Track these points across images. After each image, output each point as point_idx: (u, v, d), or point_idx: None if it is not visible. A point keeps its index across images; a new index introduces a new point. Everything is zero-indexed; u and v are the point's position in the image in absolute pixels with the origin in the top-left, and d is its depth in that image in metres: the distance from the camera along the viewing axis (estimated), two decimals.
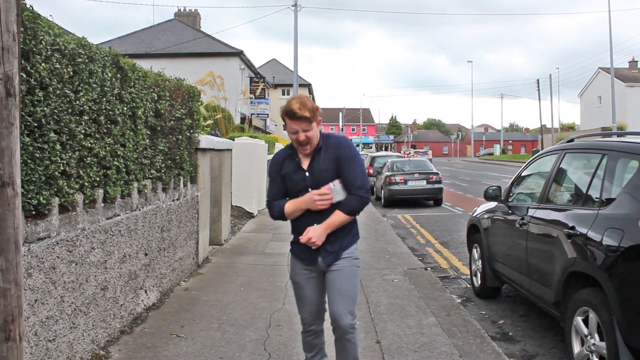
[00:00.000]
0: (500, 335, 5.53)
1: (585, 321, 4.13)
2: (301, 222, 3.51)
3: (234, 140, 12.55)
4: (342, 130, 78.69)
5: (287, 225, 3.76)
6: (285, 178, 3.52)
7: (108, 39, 37.78)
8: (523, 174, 6.34)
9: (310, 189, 3.44)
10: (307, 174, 3.46)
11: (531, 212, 5.33)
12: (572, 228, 4.36)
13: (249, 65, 35.60)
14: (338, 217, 3.43)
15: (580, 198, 4.74)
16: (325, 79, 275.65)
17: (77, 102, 3.98)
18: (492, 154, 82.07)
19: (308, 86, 53.41)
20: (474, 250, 7.13)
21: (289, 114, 3.32)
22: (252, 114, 33.42)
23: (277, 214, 3.56)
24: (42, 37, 3.49)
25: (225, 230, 9.94)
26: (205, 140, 7.84)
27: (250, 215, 13.08)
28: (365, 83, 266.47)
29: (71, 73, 3.91)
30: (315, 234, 3.41)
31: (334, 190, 3.40)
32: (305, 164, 3.48)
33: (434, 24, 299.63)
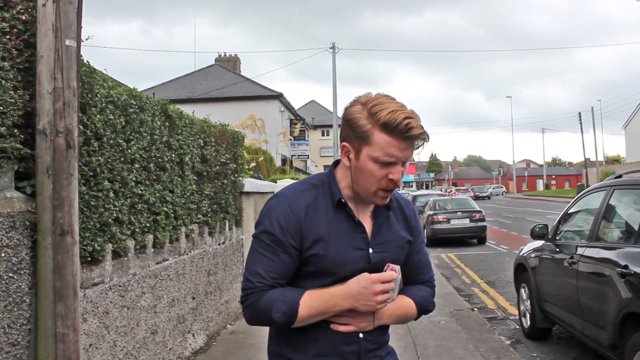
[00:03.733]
0: None
1: None
2: (319, 329, 1.81)
3: (276, 182, 12.69)
4: None
5: None
6: (314, 249, 1.78)
7: (149, 84, 39.02)
8: (570, 211, 6.23)
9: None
10: (370, 248, 1.85)
11: (580, 250, 5.22)
12: (625, 267, 4.24)
13: (288, 107, 36.20)
14: (410, 309, 1.96)
15: (632, 235, 4.63)
16: None
17: (129, 150, 4.13)
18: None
19: None
20: (522, 290, 6.97)
21: (399, 128, 1.69)
22: (292, 156, 33.82)
23: (280, 316, 1.73)
24: (97, 90, 3.66)
25: None
26: (249, 183, 7.97)
27: None
28: None
29: (123, 123, 4.07)
30: (381, 310, 1.84)
31: (395, 281, 1.84)
32: (366, 225, 1.88)
33: (468, 61, 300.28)
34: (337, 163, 1.92)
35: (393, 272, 1.80)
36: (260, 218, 1.85)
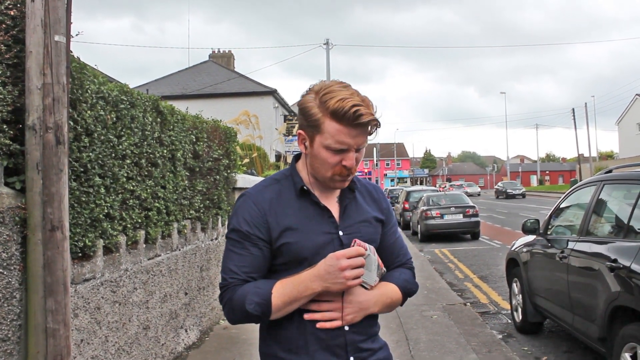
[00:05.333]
0: None
1: (634, 357, 4.01)
2: (305, 326, 1.81)
3: None
4: (376, 166, 78.65)
5: None
6: (283, 238, 1.79)
7: (142, 80, 39.02)
8: (561, 206, 6.27)
9: None
10: (339, 230, 1.86)
11: (571, 244, 5.25)
12: (615, 261, 4.28)
13: (282, 103, 36.15)
14: (394, 294, 1.94)
15: (621, 230, 4.66)
16: None
17: (120, 146, 4.13)
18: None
19: None
20: (514, 284, 7.01)
21: (347, 116, 1.70)
22: (286, 152, 33.77)
23: (254, 307, 1.73)
24: (87, 86, 3.66)
25: None
26: (242, 179, 7.97)
27: None
28: (396, 117, 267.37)
29: (114, 119, 4.06)
30: (352, 298, 1.81)
31: (369, 261, 1.80)
32: (333, 210, 1.88)
33: (461, 57, 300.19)
34: (298, 157, 1.96)
35: (360, 247, 1.76)
36: (229, 219, 1.89)
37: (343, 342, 1.82)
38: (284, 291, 1.74)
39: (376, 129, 1.79)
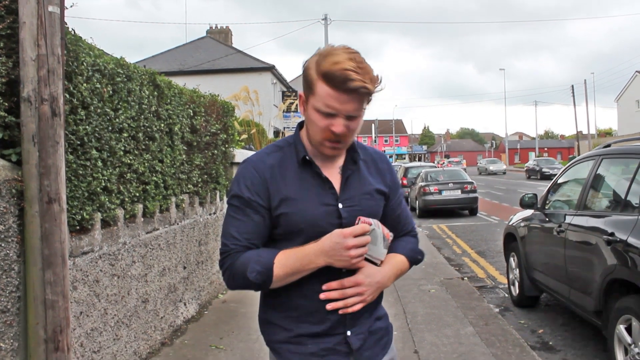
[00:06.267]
0: (540, 344, 5.45)
1: (629, 329, 4.05)
2: (308, 289, 1.79)
3: None
4: (375, 142, 78.57)
5: None
6: (281, 207, 1.77)
7: (137, 57, 38.75)
8: (559, 181, 6.27)
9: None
10: (339, 203, 1.81)
11: (568, 219, 5.27)
12: (612, 234, 4.29)
13: (280, 79, 35.95)
14: (402, 265, 1.95)
15: (619, 204, 4.67)
16: None
17: (117, 120, 4.11)
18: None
19: None
20: (511, 259, 7.05)
21: (336, 79, 1.63)
22: (285, 128, 33.70)
23: (255, 276, 1.72)
24: (83, 59, 3.62)
25: None
26: (240, 154, 7.95)
27: None
28: (395, 93, 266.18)
29: (111, 92, 4.04)
30: (371, 280, 1.78)
31: (374, 235, 1.77)
32: (334, 181, 1.83)
33: (460, 33, 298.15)
34: (302, 124, 1.90)
35: (365, 224, 1.71)
36: (230, 185, 1.87)
37: (342, 316, 1.81)
38: (286, 262, 1.72)
39: (369, 97, 1.71)
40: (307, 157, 1.80)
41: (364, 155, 1.93)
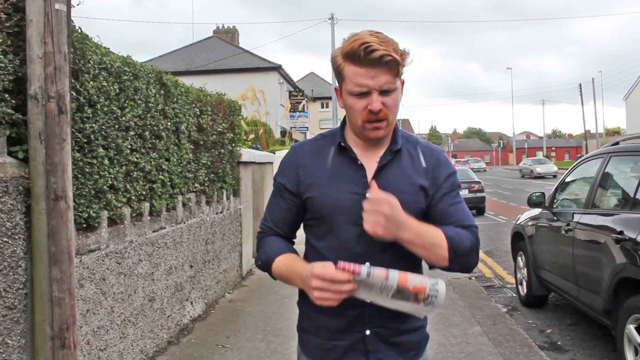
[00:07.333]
0: (548, 344, 5.42)
1: (639, 329, 4.02)
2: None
3: (275, 153, 12.67)
4: None
5: None
6: (308, 192, 1.77)
7: (144, 57, 38.81)
8: (567, 180, 6.23)
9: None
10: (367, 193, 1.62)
11: (577, 217, 5.23)
12: (621, 233, 4.26)
13: (287, 79, 35.97)
14: (436, 236, 1.70)
15: (628, 202, 4.63)
16: None
17: (124, 118, 4.11)
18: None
19: None
20: (519, 258, 7.01)
21: (357, 53, 1.61)
22: (292, 128, 33.70)
23: (260, 265, 1.86)
24: (90, 57, 3.62)
25: None
26: (247, 153, 7.95)
27: None
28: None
29: (117, 90, 4.04)
30: (394, 209, 1.58)
31: (366, 284, 1.57)
32: (370, 170, 1.76)
33: (465, 32, 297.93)
34: (345, 120, 1.89)
35: (339, 272, 1.53)
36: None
37: (360, 314, 1.75)
38: (281, 267, 1.78)
39: (399, 70, 1.66)
40: (342, 144, 1.78)
41: (408, 147, 1.83)
